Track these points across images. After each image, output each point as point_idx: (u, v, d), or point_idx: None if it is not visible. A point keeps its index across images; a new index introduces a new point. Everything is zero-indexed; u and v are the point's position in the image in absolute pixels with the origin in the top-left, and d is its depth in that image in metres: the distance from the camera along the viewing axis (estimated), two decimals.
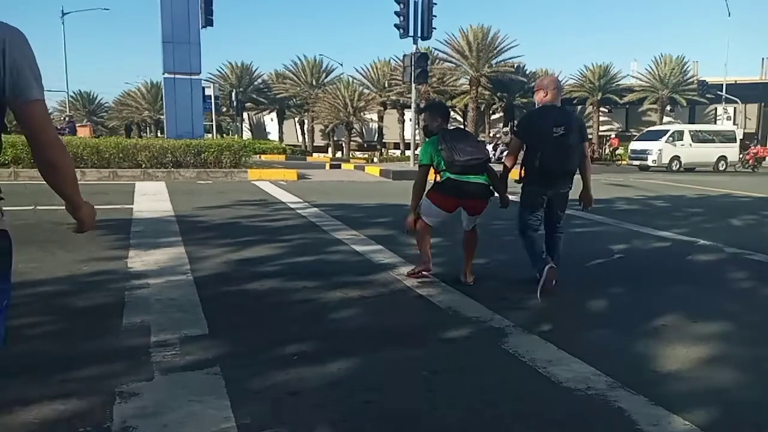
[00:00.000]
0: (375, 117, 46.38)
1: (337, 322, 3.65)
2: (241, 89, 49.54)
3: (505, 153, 4.92)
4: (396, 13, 15.44)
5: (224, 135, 47.25)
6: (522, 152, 4.63)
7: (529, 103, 43.53)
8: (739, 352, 3.32)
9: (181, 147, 12.42)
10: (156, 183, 10.90)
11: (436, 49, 38.80)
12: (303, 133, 51.76)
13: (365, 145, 50.82)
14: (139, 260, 5.05)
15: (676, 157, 25.16)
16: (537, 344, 3.32)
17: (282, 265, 5.01)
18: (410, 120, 16.73)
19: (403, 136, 41.74)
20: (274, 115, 53.97)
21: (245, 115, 56.21)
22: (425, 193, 4.56)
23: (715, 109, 49.30)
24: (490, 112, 45.05)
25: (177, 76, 13.93)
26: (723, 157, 26.10)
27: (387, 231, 6.77)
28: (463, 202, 4.48)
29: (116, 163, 11.85)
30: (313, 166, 19.39)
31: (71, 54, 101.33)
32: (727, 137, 27.56)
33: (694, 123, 50.31)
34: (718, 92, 42.19)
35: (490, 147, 22.09)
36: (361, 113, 43.74)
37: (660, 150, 25.32)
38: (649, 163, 25.17)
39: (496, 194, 4.62)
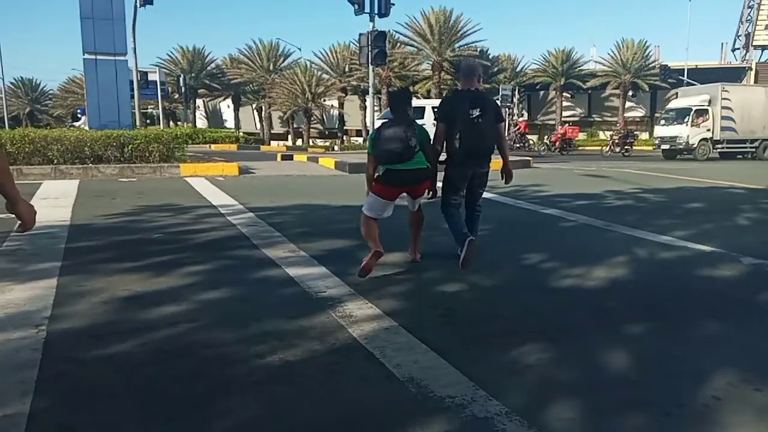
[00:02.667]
0: (335, 103, 44.74)
1: (238, 418, 2.34)
2: (192, 75, 47.25)
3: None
4: None
5: (177, 123, 44.97)
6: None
7: (492, 89, 42.62)
8: None
9: (100, 139, 10.78)
10: (68, 182, 9.30)
11: (397, 32, 37.53)
12: (261, 120, 49.71)
13: (326, 133, 49.11)
14: None
15: None
16: None
17: (184, 307, 3.65)
18: (370, 106, 15.24)
19: (365, 123, 40.31)
20: (230, 101, 51.76)
21: (200, 102, 53.83)
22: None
23: (676, 93, 49.34)
24: None
25: (99, 56, 12.18)
26: None
27: (334, 244, 5.47)
28: (404, 189, 4.58)
29: (23, 158, 10.17)
30: (264, 158, 17.87)
31: (9, 39, 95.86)
32: None
33: (655, 109, 50.47)
34: (680, 77, 41.97)
35: None
36: (321, 99, 42.07)
37: None
38: None
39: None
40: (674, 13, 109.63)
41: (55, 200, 7.49)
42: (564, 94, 47.51)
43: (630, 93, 47.07)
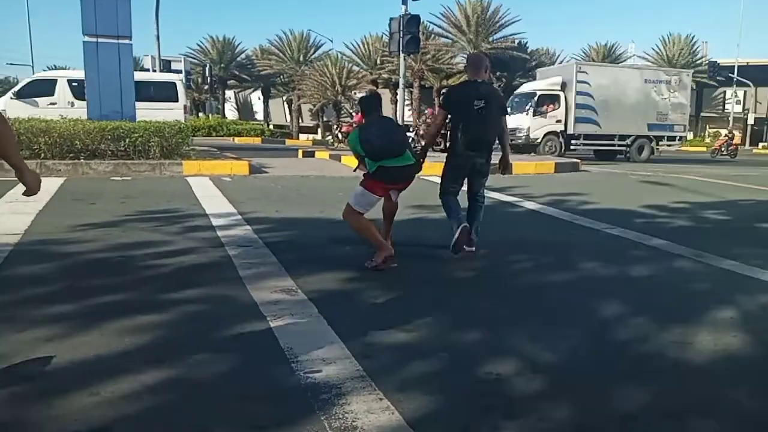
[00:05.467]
0: None
1: None
2: (222, 65, 46.47)
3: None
4: None
5: (209, 115, 44.18)
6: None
7: (530, 82, 40.67)
8: None
9: (93, 131, 9.65)
10: (51, 181, 8.16)
11: (431, 22, 35.98)
12: (291, 113, 48.65)
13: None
14: None
15: None
16: None
17: (95, 399, 2.38)
18: (401, 98, 13.79)
19: (396, 117, 38.88)
20: (260, 93, 50.89)
21: (231, 93, 52.99)
22: (359, 183, 4.61)
23: (724, 92, 46.61)
24: None
25: (100, 39, 11.03)
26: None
27: (344, 277, 4.16)
28: (395, 186, 4.61)
29: None
30: (286, 153, 16.65)
31: (41, 27, 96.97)
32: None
33: (701, 108, 47.78)
34: (729, 74, 39.54)
35: None
36: (352, 92, 40.71)
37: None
38: None
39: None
40: (724, 7, 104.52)
41: (22, 204, 6.30)
42: None
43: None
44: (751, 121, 44.67)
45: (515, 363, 2.82)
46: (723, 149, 26.55)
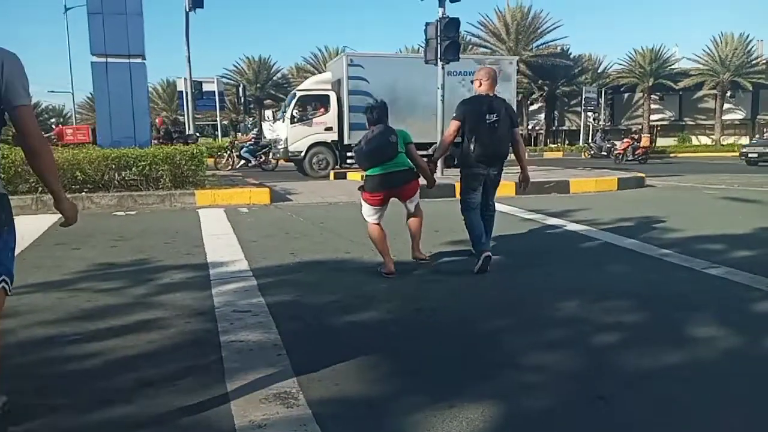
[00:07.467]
0: None
1: None
2: (258, 85, 46.27)
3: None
4: None
5: (244, 135, 43.81)
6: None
7: (573, 91, 38.93)
8: None
9: (96, 161, 8.74)
10: (43, 218, 7.20)
11: (467, 32, 34.83)
12: None
13: None
14: None
15: None
16: None
17: None
18: (440, 109, 12.43)
19: (437, 132, 37.52)
20: None
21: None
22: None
23: None
24: (529, 102, 40.62)
25: (110, 59, 10.23)
26: None
27: (364, 364, 2.94)
28: (390, 192, 4.66)
29: (3, 185, 8.09)
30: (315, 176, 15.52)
31: (82, 53, 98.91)
32: None
33: (758, 111, 44.99)
34: None
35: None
36: None
37: None
38: None
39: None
40: None
41: None
42: (652, 96, 43.21)
43: (728, 93, 42.20)
44: None
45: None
46: (628, 154, 24.23)
